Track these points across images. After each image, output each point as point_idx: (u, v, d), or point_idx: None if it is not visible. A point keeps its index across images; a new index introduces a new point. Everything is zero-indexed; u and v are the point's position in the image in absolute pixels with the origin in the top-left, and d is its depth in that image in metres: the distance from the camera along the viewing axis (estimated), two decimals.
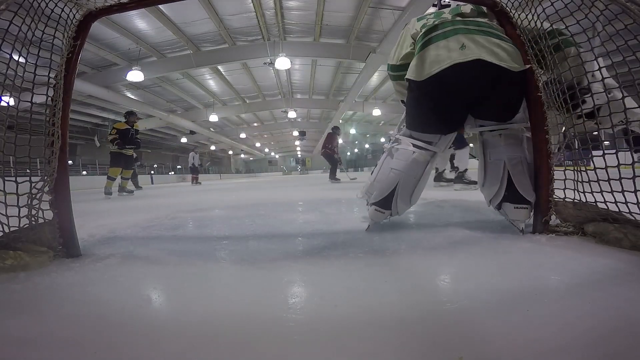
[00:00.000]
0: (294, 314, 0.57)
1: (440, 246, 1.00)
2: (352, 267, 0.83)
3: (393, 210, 1.23)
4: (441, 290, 0.66)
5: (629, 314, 0.51)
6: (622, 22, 0.87)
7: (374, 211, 1.25)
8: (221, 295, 0.69)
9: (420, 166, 1.21)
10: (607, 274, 0.69)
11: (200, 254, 1.03)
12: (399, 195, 1.20)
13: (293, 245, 1.10)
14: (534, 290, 0.63)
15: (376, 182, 1.26)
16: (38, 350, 0.48)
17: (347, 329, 0.52)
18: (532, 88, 1.04)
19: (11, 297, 0.68)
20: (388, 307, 0.59)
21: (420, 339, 0.47)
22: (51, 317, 0.59)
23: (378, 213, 1.24)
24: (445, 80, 1.05)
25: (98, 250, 1.09)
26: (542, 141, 1.03)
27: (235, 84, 12.12)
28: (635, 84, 0.81)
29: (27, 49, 0.95)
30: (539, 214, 1.04)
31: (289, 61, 8.20)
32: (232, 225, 1.55)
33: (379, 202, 1.23)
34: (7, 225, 0.89)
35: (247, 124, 20.26)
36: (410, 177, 1.20)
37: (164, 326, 0.55)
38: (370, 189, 1.29)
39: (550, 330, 0.48)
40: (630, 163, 0.91)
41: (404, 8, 6.91)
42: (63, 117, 0.99)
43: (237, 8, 7.13)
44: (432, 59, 1.07)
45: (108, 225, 1.68)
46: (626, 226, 0.86)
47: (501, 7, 1.12)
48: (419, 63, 1.11)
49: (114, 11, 1.10)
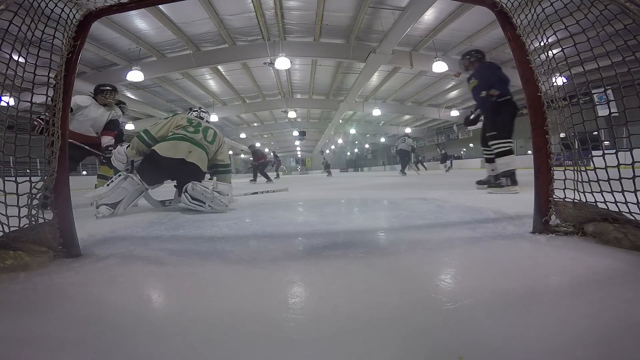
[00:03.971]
0: (294, 314, 0.57)
1: (440, 246, 1.00)
2: (352, 267, 0.83)
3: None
4: (441, 290, 0.66)
5: (629, 314, 0.51)
6: (621, 22, 0.87)
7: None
8: (221, 295, 0.69)
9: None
10: (607, 274, 0.69)
11: (200, 254, 1.03)
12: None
13: (293, 245, 1.10)
14: (534, 290, 0.63)
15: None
16: (38, 350, 0.47)
17: (347, 329, 0.52)
18: (532, 88, 1.04)
19: (11, 297, 0.68)
20: (388, 307, 0.59)
21: (420, 339, 0.47)
22: (51, 317, 0.59)
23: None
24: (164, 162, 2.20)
25: (98, 250, 1.09)
26: (542, 141, 1.03)
27: (235, 84, 12.11)
28: (635, 84, 0.81)
29: (27, 49, 0.95)
30: (539, 214, 1.04)
31: (289, 61, 8.20)
32: (232, 225, 1.55)
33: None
34: (7, 225, 0.89)
35: (247, 124, 20.25)
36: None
37: (164, 326, 0.55)
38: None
39: (550, 330, 0.48)
40: (630, 163, 0.91)
41: (404, 8, 6.91)
42: (63, 117, 1.00)
43: (237, 8, 7.13)
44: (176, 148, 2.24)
45: (108, 225, 1.68)
46: (626, 226, 0.86)
47: (501, 7, 1.12)
48: (171, 147, 2.24)
49: (114, 11, 1.10)
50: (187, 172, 2.24)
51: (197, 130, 2.40)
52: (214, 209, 2.07)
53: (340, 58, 9.22)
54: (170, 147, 2.24)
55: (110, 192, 2.09)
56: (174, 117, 2.42)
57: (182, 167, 2.23)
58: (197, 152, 2.34)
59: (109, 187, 2.11)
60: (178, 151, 2.24)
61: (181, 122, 2.39)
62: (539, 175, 1.05)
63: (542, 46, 1.07)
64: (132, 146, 2.26)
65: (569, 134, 1.05)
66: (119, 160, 2.31)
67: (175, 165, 2.22)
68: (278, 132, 23.47)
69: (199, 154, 2.35)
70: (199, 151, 2.35)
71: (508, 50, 1.23)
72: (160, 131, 2.31)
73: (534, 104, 1.05)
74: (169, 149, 2.23)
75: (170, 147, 2.24)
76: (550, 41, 1.06)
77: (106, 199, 2.07)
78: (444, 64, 8.35)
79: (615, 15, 0.87)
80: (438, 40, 8.62)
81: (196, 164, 2.31)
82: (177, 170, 2.25)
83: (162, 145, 2.24)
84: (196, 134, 2.38)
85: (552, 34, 1.05)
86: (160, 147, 2.23)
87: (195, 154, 2.32)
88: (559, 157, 1.10)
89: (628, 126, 0.87)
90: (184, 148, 2.27)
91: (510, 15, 1.12)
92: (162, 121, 2.37)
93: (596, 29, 0.94)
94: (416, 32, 8.24)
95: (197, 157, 2.33)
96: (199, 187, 2.07)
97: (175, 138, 2.29)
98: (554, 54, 1.06)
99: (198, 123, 2.46)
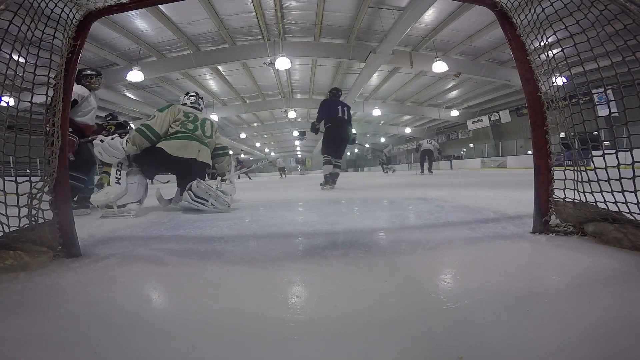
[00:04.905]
0: (294, 314, 0.57)
1: (440, 246, 1.00)
2: (352, 267, 0.83)
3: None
4: (441, 290, 0.66)
5: (629, 314, 0.51)
6: (621, 22, 0.87)
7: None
8: (221, 295, 0.69)
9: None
10: (607, 274, 0.68)
11: (200, 254, 1.03)
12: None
13: (293, 245, 1.10)
14: (534, 290, 0.63)
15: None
16: (38, 350, 0.47)
17: (347, 329, 0.52)
18: (532, 88, 1.04)
19: (11, 297, 0.68)
20: (388, 307, 0.59)
21: (421, 339, 0.47)
22: (51, 317, 0.59)
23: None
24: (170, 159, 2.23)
25: (98, 250, 1.09)
26: (542, 141, 1.03)
27: (235, 84, 12.11)
28: (635, 84, 0.81)
29: (27, 49, 0.95)
30: (539, 214, 1.04)
31: (289, 61, 8.20)
32: (232, 225, 1.55)
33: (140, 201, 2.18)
34: (7, 225, 0.89)
35: (247, 124, 20.25)
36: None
37: (164, 326, 0.55)
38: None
39: (550, 330, 0.48)
40: (630, 163, 0.91)
41: (404, 8, 6.92)
42: (63, 117, 1.00)
43: (237, 8, 7.13)
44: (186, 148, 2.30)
45: (108, 225, 1.68)
46: (626, 226, 0.86)
47: (501, 7, 1.12)
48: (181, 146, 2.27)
49: (114, 11, 1.10)
50: (196, 170, 2.28)
51: (195, 126, 2.40)
52: (216, 207, 2.07)
53: (340, 58, 9.23)
54: (181, 147, 2.25)
55: (126, 190, 2.07)
56: (171, 110, 2.36)
57: (192, 166, 2.28)
58: (205, 151, 2.41)
59: (121, 186, 2.06)
60: (189, 151, 2.28)
61: (178, 115, 2.37)
62: (539, 175, 1.05)
63: (542, 46, 1.07)
64: (133, 142, 2.16)
65: (569, 134, 1.05)
66: (112, 155, 2.11)
67: (186, 164, 2.25)
68: (278, 132, 23.47)
69: (206, 152, 2.41)
70: (206, 150, 2.42)
71: (508, 50, 1.23)
72: (162, 127, 2.28)
73: (534, 104, 1.05)
74: (180, 149, 2.25)
75: (181, 147, 2.25)
76: (550, 41, 1.06)
77: (127, 197, 2.05)
78: (444, 64, 8.36)
79: (615, 15, 0.87)
80: (438, 40, 8.63)
81: (205, 162, 2.38)
82: (186, 168, 2.27)
83: (172, 145, 2.24)
84: (196, 131, 2.38)
85: (552, 34, 1.05)
86: (170, 146, 2.23)
87: (204, 153, 2.39)
88: (559, 157, 1.10)
89: (628, 126, 0.87)
90: (195, 148, 2.32)
91: (510, 15, 1.12)
92: (160, 115, 2.31)
93: (596, 29, 0.94)
94: (416, 32, 8.24)
95: (205, 155, 2.40)
96: (203, 185, 2.08)
97: (183, 137, 2.30)
98: (554, 54, 1.06)
99: (195, 117, 2.43)
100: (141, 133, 2.21)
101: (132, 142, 2.16)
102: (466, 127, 18.46)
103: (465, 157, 19.33)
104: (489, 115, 16.57)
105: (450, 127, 20.83)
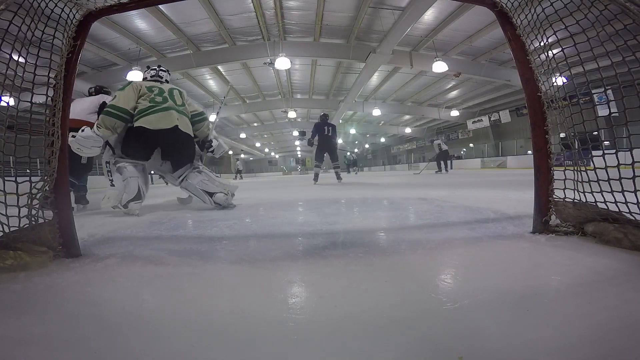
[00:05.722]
0: (294, 314, 0.57)
1: (440, 246, 1.00)
2: (352, 267, 0.83)
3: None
4: (441, 290, 0.66)
5: (629, 314, 0.51)
6: (621, 22, 0.87)
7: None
8: (221, 295, 0.69)
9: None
10: (607, 274, 0.68)
11: (200, 254, 1.03)
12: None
13: (293, 245, 1.10)
14: (534, 290, 0.63)
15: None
16: (38, 350, 0.48)
17: (347, 329, 0.52)
18: (532, 88, 1.04)
19: (11, 297, 0.68)
20: (388, 307, 0.59)
21: (421, 339, 0.47)
22: (51, 317, 0.59)
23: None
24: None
25: (98, 250, 1.09)
26: (542, 141, 1.03)
27: (235, 84, 12.11)
28: (635, 84, 0.81)
29: (27, 49, 0.95)
30: (539, 214, 1.04)
31: (289, 61, 8.20)
32: (232, 225, 1.55)
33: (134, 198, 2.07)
34: (7, 225, 0.89)
35: (247, 124, 20.26)
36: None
37: (164, 326, 0.55)
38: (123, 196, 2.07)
39: (550, 330, 0.48)
40: (630, 163, 0.91)
41: (404, 8, 6.92)
42: (63, 117, 0.99)
43: (237, 8, 7.14)
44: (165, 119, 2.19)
45: (108, 225, 1.68)
46: (626, 226, 0.86)
47: (501, 7, 1.12)
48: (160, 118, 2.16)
49: (114, 11, 1.10)
50: (181, 141, 2.24)
51: (164, 98, 2.25)
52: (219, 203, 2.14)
53: (340, 58, 9.23)
54: (160, 119, 2.15)
55: (124, 189, 2.03)
56: (131, 86, 2.21)
57: (174, 136, 2.20)
58: (184, 120, 2.30)
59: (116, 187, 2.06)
60: (169, 121, 2.18)
61: (142, 90, 2.22)
62: (539, 175, 1.05)
63: (542, 46, 1.07)
64: (103, 124, 2.02)
65: (569, 134, 1.05)
66: (90, 146, 1.98)
67: (169, 135, 2.17)
68: (278, 132, 23.48)
69: (185, 121, 2.31)
70: (184, 119, 2.32)
71: (508, 50, 1.23)
72: (128, 102, 2.13)
73: (534, 104, 1.05)
74: (159, 120, 2.14)
75: (160, 119, 2.15)
76: (550, 41, 1.06)
77: (125, 195, 2.02)
78: (444, 64, 8.36)
79: (615, 15, 0.87)
80: (438, 40, 8.63)
81: (188, 133, 2.29)
82: (171, 139, 2.20)
83: (150, 120, 2.12)
84: (166, 102, 2.24)
85: (552, 34, 1.05)
86: (149, 121, 2.12)
87: (183, 122, 2.28)
88: (559, 157, 1.10)
89: (628, 126, 0.87)
90: (174, 116, 2.21)
91: (510, 15, 1.12)
92: (120, 93, 2.16)
93: (596, 29, 0.94)
94: (416, 32, 8.24)
95: (185, 125, 2.30)
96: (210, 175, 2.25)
97: (159, 110, 2.18)
98: (554, 54, 1.06)
99: (160, 90, 2.28)
100: (108, 114, 2.08)
101: (103, 126, 2.04)
102: (466, 127, 18.47)
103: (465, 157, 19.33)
104: (489, 115, 16.57)
105: (450, 127, 20.84)
